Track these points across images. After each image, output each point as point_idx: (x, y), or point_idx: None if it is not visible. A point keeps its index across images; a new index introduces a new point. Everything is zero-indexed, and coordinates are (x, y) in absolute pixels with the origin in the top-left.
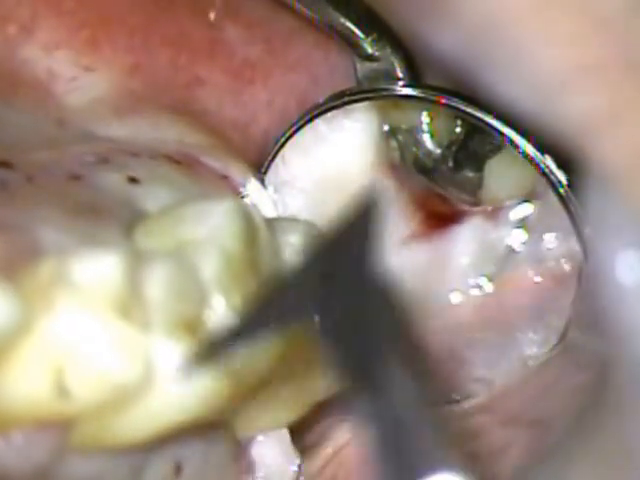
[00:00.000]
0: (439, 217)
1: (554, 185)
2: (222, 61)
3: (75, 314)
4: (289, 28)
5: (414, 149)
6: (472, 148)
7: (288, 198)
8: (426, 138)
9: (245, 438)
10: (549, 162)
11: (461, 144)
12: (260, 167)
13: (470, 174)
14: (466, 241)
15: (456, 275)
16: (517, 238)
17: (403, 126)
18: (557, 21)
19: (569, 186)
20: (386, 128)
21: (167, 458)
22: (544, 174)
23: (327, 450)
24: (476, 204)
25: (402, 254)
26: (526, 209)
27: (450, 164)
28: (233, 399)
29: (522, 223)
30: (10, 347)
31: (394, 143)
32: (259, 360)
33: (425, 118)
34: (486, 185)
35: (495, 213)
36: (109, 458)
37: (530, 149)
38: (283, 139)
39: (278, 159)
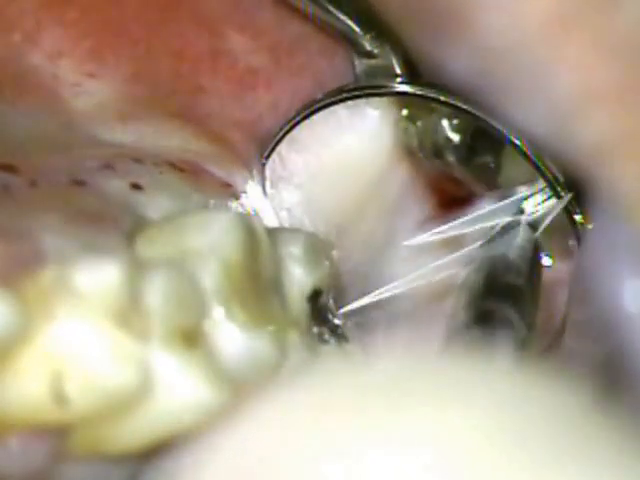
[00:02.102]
0: (455, 201)
1: (552, 184)
2: (224, 70)
3: (75, 322)
4: (294, 36)
5: (432, 134)
6: (489, 134)
7: (285, 193)
8: (444, 123)
9: None
10: (548, 162)
11: (479, 129)
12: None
13: (488, 159)
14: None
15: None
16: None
17: (421, 112)
18: (573, 46)
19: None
20: (404, 113)
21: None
22: (542, 174)
23: None
24: (493, 189)
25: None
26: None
27: (468, 149)
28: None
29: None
30: (9, 353)
31: (412, 128)
32: (257, 370)
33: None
34: (503, 171)
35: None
36: (106, 465)
37: (529, 149)
38: (280, 134)
39: (275, 155)
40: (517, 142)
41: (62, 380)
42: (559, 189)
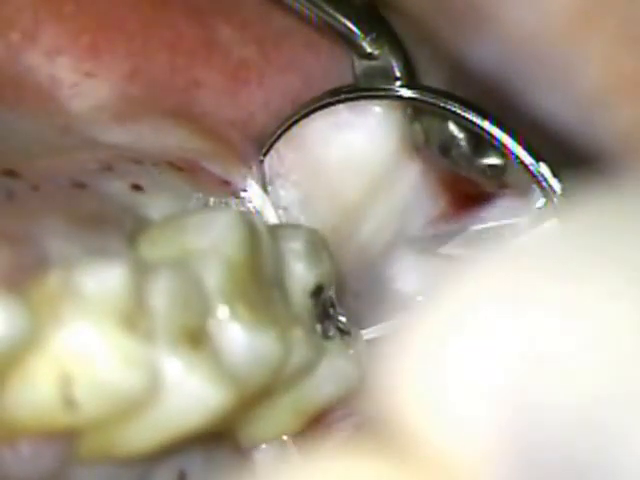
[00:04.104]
0: (468, 198)
1: (548, 193)
2: (218, 62)
3: (81, 326)
4: (280, 29)
5: (438, 132)
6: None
7: (281, 191)
8: (450, 121)
9: (248, 447)
10: (544, 170)
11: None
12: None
13: (494, 158)
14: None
15: None
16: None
17: (426, 110)
18: (596, 36)
19: (563, 195)
20: (409, 111)
21: (171, 467)
22: (538, 182)
23: (332, 444)
24: (503, 187)
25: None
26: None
27: (474, 148)
28: (237, 409)
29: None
30: (18, 359)
31: (417, 126)
32: (262, 369)
33: None
34: (510, 169)
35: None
36: (115, 468)
37: (525, 156)
38: (278, 132)
39: (273, 151)
40: (510, 147)
41: (70, 384)
42: (554, 198)
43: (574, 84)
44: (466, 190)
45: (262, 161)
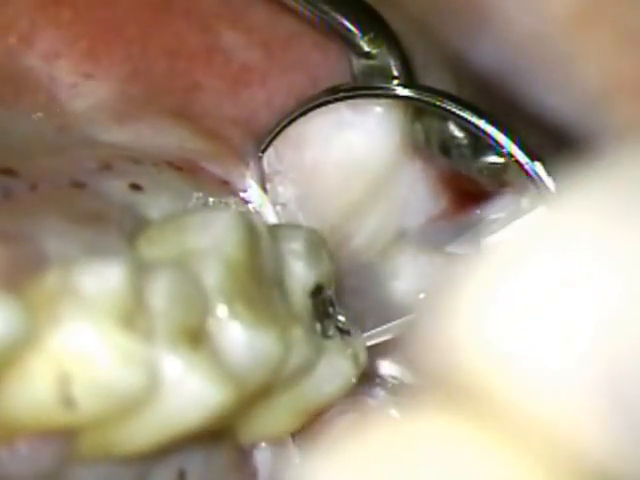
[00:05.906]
0: (468, 196)
1: (543, 192)
2: (219, 67)
3: (80, 324)
4: (288, 32)
5: (438, 132)
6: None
7: (280, 188)
8: (450, 121)
9: (248, 445)
10: (539, 169)
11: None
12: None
13: (494, 157)
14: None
15: None
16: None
17: (426, 110)
18: (594, 37)
19: (557, 193)
20: (410, 111)
21: (171, 466)
22: (533, 180)
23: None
24: (503, 186)
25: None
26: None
27: (473, 147)
28: (236, 408)
29: None
30: (16, 357)
31: (418, 126)
32: (262, 368)
33: None
34: (510, 169)
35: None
36: (114, 466)
37: (521, 155)
38: (277, 130)
39: (271, 149)
40: (506, 146)
41: (69, 383)
42: (548, 196)
43: (573, 82)
44: (466, 189)
45: (260, 158)
